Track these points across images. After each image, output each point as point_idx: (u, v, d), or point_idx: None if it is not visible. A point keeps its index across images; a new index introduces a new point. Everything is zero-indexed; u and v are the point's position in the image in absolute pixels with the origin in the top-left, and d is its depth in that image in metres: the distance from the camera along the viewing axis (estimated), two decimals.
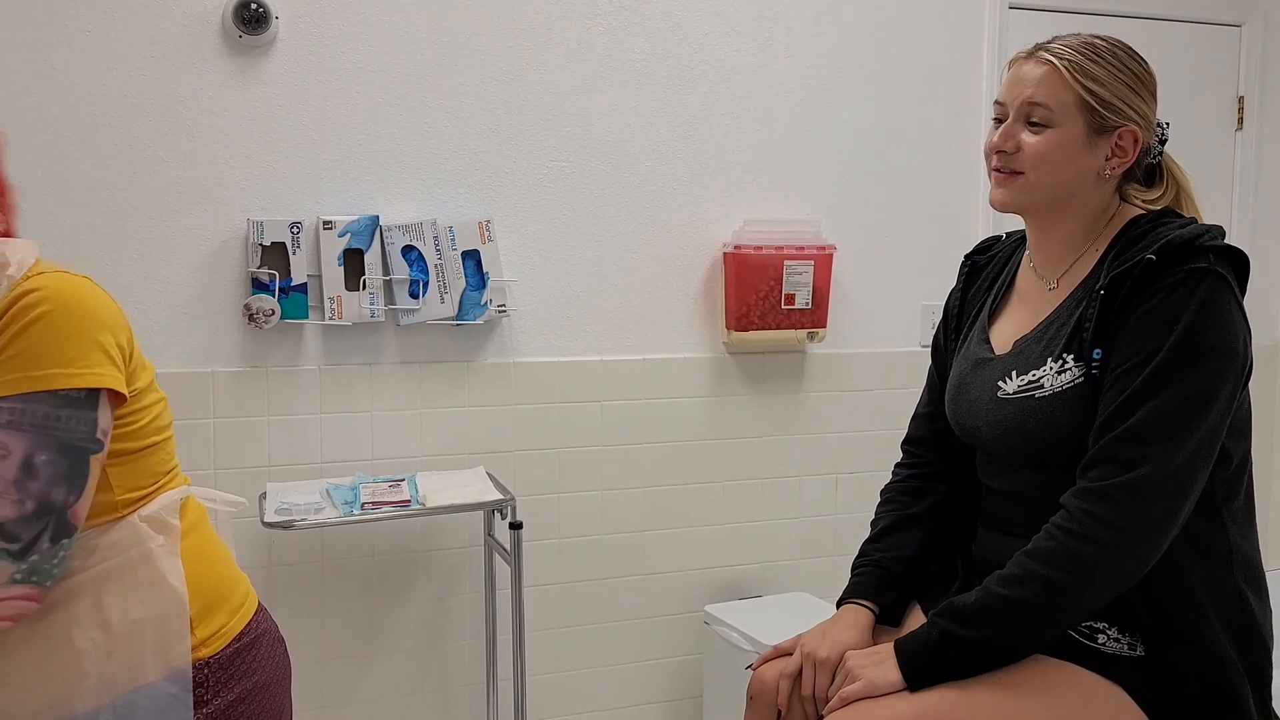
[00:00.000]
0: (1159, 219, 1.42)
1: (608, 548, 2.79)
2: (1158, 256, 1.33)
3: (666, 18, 2.74)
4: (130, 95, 2.35)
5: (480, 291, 2.57)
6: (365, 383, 2.55)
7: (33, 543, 1.21)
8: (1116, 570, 1.30)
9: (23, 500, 1.20)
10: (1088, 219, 1.46)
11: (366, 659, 2.60)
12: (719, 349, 2.86)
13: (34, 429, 1.20)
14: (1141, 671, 1.37)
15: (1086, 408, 1.36)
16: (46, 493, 1.21)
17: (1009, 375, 1.46)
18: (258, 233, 2.41)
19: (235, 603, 1.41)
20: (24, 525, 1.20)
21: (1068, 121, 1.41)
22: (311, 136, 2.48)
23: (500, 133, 2.62)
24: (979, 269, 1.67)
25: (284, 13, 2.43)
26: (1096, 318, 1.36)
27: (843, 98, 2.92)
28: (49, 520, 1.21)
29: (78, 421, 1.23)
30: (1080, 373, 1.38)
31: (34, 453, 1.20)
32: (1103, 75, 1.41)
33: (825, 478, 2.98)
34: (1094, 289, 1.38)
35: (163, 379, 2.37)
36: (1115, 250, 1.40)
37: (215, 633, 1.36)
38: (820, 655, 1.47)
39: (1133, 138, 1.43)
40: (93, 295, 1.27)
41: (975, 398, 1.51)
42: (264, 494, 2.37)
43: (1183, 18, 3.25)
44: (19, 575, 1.21)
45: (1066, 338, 1.41)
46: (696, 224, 2.81)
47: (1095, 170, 1.43)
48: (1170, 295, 1.31)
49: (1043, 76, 1.42)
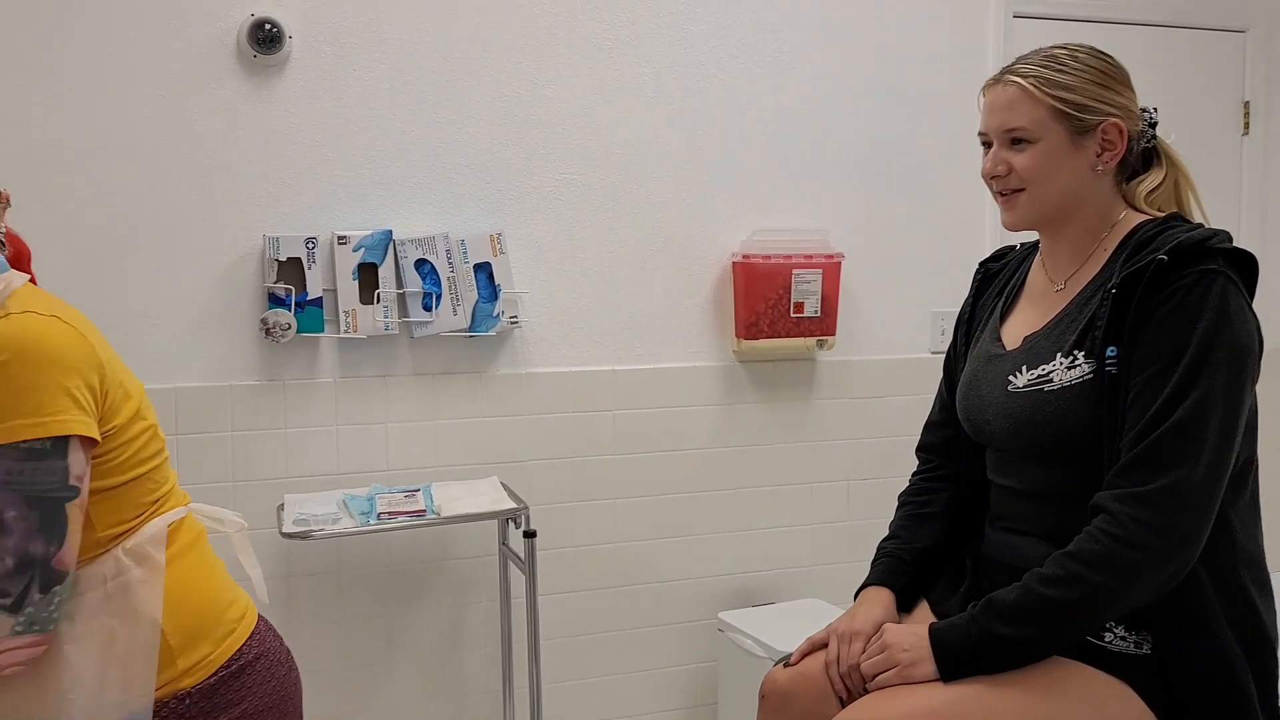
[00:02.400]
0: (1167, 223, 1.45)
1: (621, 556, 2.81)
2: (1170, 257, 1.35)
3: (674, 31, 2.78)
4: (148, 114, 2.40)
5: (492, 303, 2.60)
6: (380, 394, 2.58)
7: (23, 596, 1.19)
8: (1162, 573, 1.32)
9: (1, 557, 1.18)
10: (1094, 221, 1.50)
11: (383, 667, 2.63)
12: (729, 357, 2.88)
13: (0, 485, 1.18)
14: (1148, 669, 1.38)
15: (1096, 403, 1.39)
16: (24, 548, 1.18)
17: (1019, 370, 1.49)
18: (273, 248, 2.45)
19: (224, 630, 1.37)
20: (9, 581, 1.18)
21: (1048, 133, 1.45)
22: (325, 153, 2.52)
23: (510, 146, 2.66)
24: (992, 276, 1.72)
25: (297, 33, 2.48)
26: (1109, 316, 1.38)
27: (849, 107, 2.95)
28: (33, 573, 1.19)
29: (44, 473, 1.19)
30: (1090, 369, 1.40)
31: (2, 510, 1.18)
32: (1069, 81, 1.45)
33: (836, 484, 3.00)
34: (1105, 288, 1.41)
35: (182, 393, 2.41)
36: (1126, 251, 1.43)
37: (198, 662, 1.33)
38: (853, 628, 1.51)
39: (1117, 129, 1.46)
40: (54, 338, 1.21)
41: (986, 392, 1.54)
42: (281, 505, 2.40)
43: (1187, 24, 3.27)
44: (19, 627, 1.19)
45: (1077, 335, 1.44)
46: (705, 234, 2.84)
47: (1090, 167, 1.47)
48: (1187, 296, 1.34)
49: (1012, 98, 1.47)
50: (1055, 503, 1.42)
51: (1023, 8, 3.08)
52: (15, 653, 1.20)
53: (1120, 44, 3.10)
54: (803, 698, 1.52)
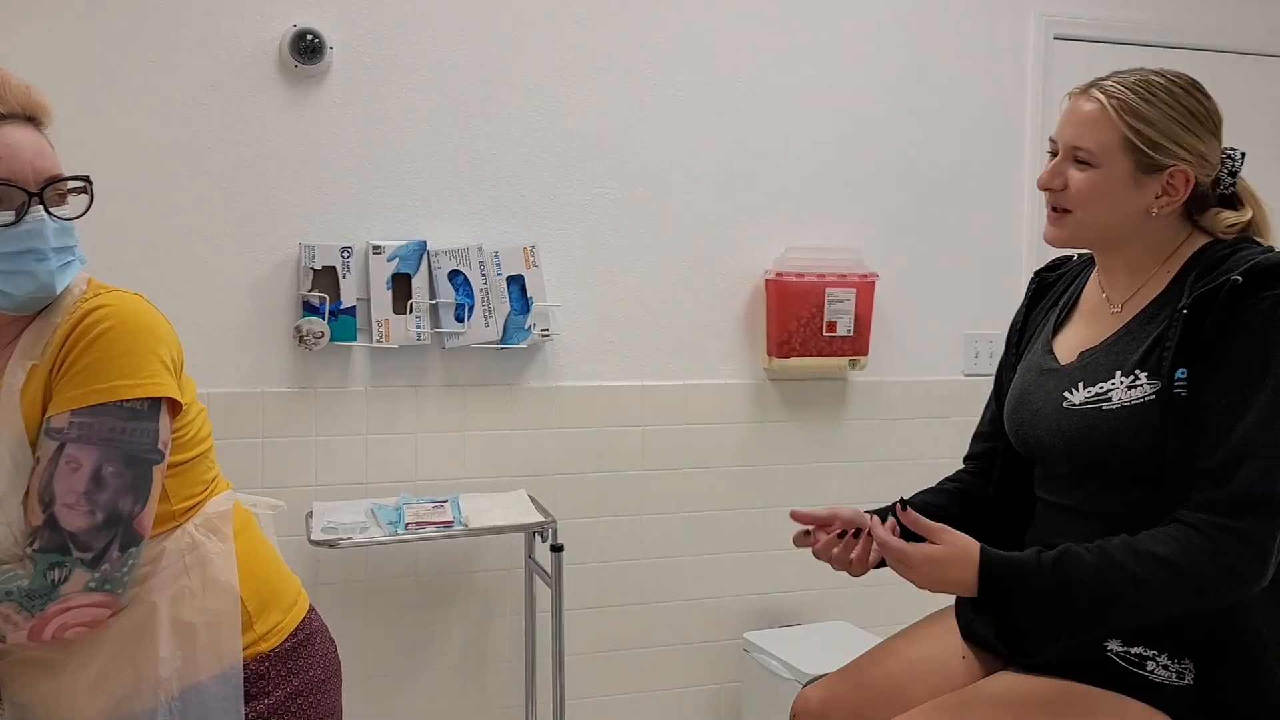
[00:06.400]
0: (1237, 244, 1.42)
1: (647, 572, 2.79)
2: (1244, 279, 1.33)
3: (710, 48, 2.78)
4: (190, 123, 2.43)
5: (524, 316, 2.61)
6: (410, 405, 2.59)
7: (103, 552, 1.25)
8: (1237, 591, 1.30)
9: (93, 511, 1.24)
10: (1151, 246, 1.46)
11: (407, 677, 2.62)
12: (760, 375, 2.87)
13: (102, 442, 1.25)
14: (1190, 700, 1.35)
15: (1160, 424, 1.36)
16: (115, 503, 1.25)
17: (1075, 386, 1.45)
18: (309, 257, 2.46)
19: (289, 600, 1.46)
20: (95, 535, 1.24)
21: (1112, 162, 1.41)
22: (362, 163, 2.54)
23: (545, 160, 2.67)
24: (1046, 286, 1.68)
25: (338, 43, 2.50)
26: (1179, 337, 1.35)
27: (885, 127, 2.94)
28: (118, 530, 1.26)
29: (141, 433, 1.28)
30: (1153, 390, 1.37)
31: (102, 464, 1.25)
32: (1152, 115, 1.41)
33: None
34: (1174, 309, 1.38)
35: (215, 398, 2.43)
36: (1196, 272, 1.40)
37: (274, 628, 1.41)
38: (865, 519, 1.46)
39: (1184, 177, 1.42)
40: (149, 312, 1.34)
41: (1039, 407, 1.51)
42: (310, 512, 2.41)
43: (1231, 49, 3.24)
44: (93, 583, 1.25)
45: (1141, 354, 1.40)
46: (738, 251, 2.83)
47: (1143, 209, 1.43)
48: (1266, 319, 1.31)
49: (1090, 115, 1.43)
50: (1106, 521, 1.39)
51: (1064, 30, 3.06)
52: (82, 611, 1.25)
53: (1178, 71, 3.08)
54: (836, 718, 1.50)
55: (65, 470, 1.24)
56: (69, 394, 1.26)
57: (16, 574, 1.23)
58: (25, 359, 1.29)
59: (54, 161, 1.32)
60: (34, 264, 1.27)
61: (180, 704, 1.31)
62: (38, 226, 1.27)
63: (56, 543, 1.23)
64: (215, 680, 1.33)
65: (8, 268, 1.27)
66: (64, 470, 1.24)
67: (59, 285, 1.31)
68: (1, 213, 1.26)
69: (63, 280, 1.32)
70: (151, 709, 1.30)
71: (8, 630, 1.23)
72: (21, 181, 1.27)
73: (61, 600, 1.23)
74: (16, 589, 1.22)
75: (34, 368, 1.28)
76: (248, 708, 1.36)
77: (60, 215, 1.31)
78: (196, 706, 1.32)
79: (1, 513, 1.26)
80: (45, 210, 1.29)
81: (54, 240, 1.29)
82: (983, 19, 3.00)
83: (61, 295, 1.33)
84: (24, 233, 1.27)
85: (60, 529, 1.23)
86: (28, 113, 1.31)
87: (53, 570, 1.23)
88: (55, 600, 1.23)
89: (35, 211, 1.27)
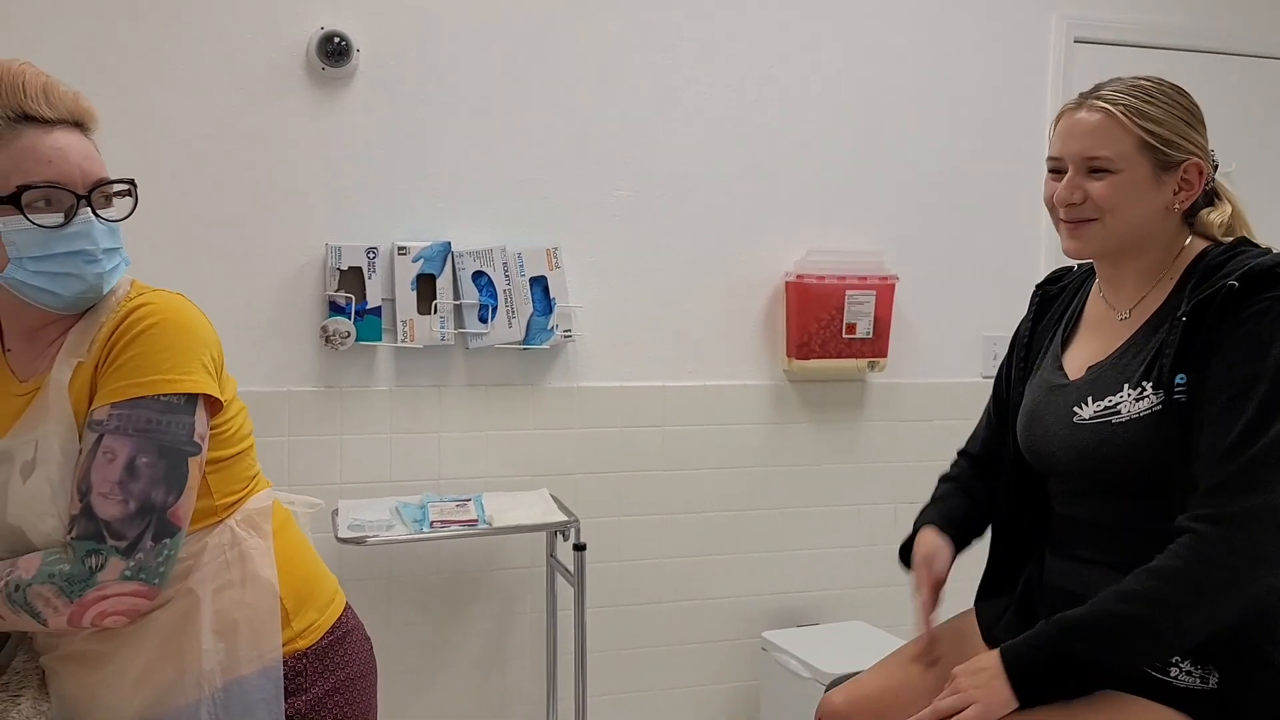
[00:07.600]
0: (1235, 248, 1.43)
1: (667, 571, 2.81)
2: (1240, 283, 1.34)
3: (733, 53, 2.80)
4: (218, 126, 2.46)
5: (547, 317, 2.63)
6: (434, 404, 2.61)
7: (137, 540, 1.28)
8: (1243, 596, 1.31)
9: (126, 500, 1.27)
10: (1159, 253, 1.48)
11: (429, 674, 2.65)
12: (779, 377, 2.88)
13: (137, 433, 1.28)
14: (1215, 704, 1.36)
15: (1166, 434, 1.37)
16: (147, 493, 1.28)
17: (1085, 401, 1.47)
18: (335, 257, 2.49)
19: (326, 598, 1.48)
20: (128, 524, 1.27)
21: (1131, 165, 1.43)
22: (388, 165, 2.57)
23: (569, 163, 2.69)
24: (1050, 299, 1.69)
25: (365, 46, 2.53)
26: (1178, 344, 1.37)
27: (906, 130, 2.95)
28: (151, 519, 1.28)
29: (177, 425, 1.30)
30: (1159, 400, 1.38)
31: (137, 455, 1.28)
32: (1159, 115, 1.43)
33: (884, 507, 2.98)
34: (1173, 316, 1.39)
35: (242, 397, 2.44)
36: (1195, 279, 1.42)
37: (310, 625, 1.43)
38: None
39: (1197, 170, 1.45)
40: (191, 311, 1.37)
41: (1050, 423, 1.52)
42: (335, 510, 2.44)
43: (1250, 52, 3.24)
44: (128, 572, 1.27)
45: (1145, 365, 1.42)
46: (759, 253, 2.85)
47: (1165, 206, 1.45)
48: (1260, 322, 1.33)
49: (1098, 125, 1.45)
50: (1123, 534, 1.41)
51: (1084, 33, 3.06)
52: (120, 599, 1.27)
53: (1181, 71, 3.09)
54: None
55: (102, 460, 1.27)
56: (110, 388, 1.29)
57: (60, 558, 1.27)
58: (72, 356, 1.32)
59: (100, 165, 1.35)
60: (83, 265, 1.30)
61: (224, 696, 1.33)
62: (86, 228, 1.30)
63: (92, 530, 1.26)
64: (257, 675, 1.35)
65: (57, 269, 1.30)
66: (101, 460, 1.27)
67: (106, 286, 1.34)
68: (51, 214, 1.28)
69: (110, 281, 1.34)
70: (195, 702, 1.33)
71: (48, 614, 1.26)
72: (70, 184, 1.29)
73: (99, 588, 1.26)
74: (58, 572, 1.26)
75: (80, 364, 1.32)
76: (286, 704, 1.38)
77: (107, 217, 1.34)
78: (239, 700, 1.34)
79: (54, 504, 1.29)
80: (93, 212, 1.31)
81: (102, 242, 1.32)
82: (1004, 22, 3.01)
83: (107, 295, 1.36)
84: (73, 234, 1.29)
85: (95, 517, 1.26)
86: (76, 118, 1.33)
87: (90, 557, 1.26)
88: (93, 587, 1.26)
89: (83, 214, 1.30)
